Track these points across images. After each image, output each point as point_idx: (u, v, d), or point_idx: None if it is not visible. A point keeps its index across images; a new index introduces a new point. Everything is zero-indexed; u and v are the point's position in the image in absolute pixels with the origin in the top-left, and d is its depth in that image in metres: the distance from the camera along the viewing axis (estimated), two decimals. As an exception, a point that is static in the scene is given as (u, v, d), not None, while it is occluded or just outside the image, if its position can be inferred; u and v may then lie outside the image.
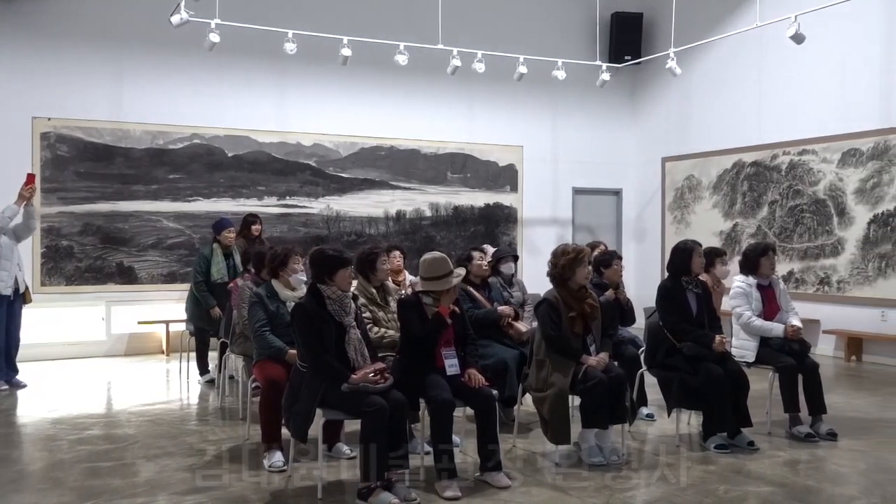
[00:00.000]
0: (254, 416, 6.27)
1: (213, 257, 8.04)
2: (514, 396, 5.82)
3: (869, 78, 9.82)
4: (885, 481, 4.95)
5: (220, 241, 8.12)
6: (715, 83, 11.99)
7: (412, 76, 11.19)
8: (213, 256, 8.04)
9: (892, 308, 9.51)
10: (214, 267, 8.00)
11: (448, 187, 12.20)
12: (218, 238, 8.14)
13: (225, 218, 8.70)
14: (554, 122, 12.94)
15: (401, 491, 4.47)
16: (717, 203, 11.98)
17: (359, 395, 4.49)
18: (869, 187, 9.78)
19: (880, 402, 7.39)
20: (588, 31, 12.29)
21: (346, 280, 4.79)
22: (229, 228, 8.18)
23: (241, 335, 6.28)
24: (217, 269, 7.99)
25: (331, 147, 11.44)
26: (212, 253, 8.08)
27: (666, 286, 5.98)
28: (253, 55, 10.66)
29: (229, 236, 8.13)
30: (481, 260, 6.46)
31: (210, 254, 8.08)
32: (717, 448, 5.57)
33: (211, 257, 8.05)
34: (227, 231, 8.13)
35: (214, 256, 8.04)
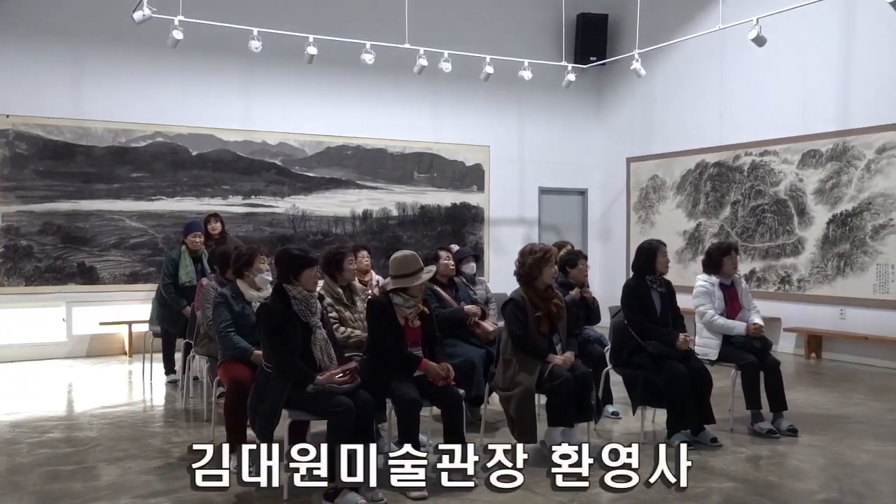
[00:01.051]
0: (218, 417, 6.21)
1: (181, 260, 7.96)
2: (480, 395, 5.83)
3: (828, 80, 10.01)
4: (843, 476, 5.06)
5: (187, 245, 8.05)
6: (679, 84, 12.13)
7: (378, 75, 11.16)
8: (181, 259, 7.97)
9: (850, 306, 9.71)
10: (182, 270, 7.91)
11: (415, 187, 12.19)
12: (185, 241, 8.09)
13: (195, 222, 8.63)
14: (520, 123, 13.00)
15: (367, 492, 4.45)
16: (680, 203, 12.12)
17: (324, 396, 4.47)
18: (828, 188, 9.97)
19: (839, 399, 7.54)
20: (554, 32, 12.36)
21: (312, 280, 4.76)
22: (196, 233, 8.11)
23: (205, 336, 6.21)
24: (186, 272, 7.90)
25: (296, 146, 11.37)
26: (180, 256, 8.00)
27: (630, 285, 6.04)
28: (217, 53, 10.56)
29: (195, 240, 8.05)
30: (448, 259, 6.48)
31: (178, 256, 8.01)
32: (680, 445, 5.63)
33: (179, 260, 7.97)
34: (192, 235, 8.06)
35: (182, 259, 7.96)
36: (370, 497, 4.43)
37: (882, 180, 9.36)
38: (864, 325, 9.52)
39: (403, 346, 4.96)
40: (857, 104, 9.68)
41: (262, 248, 5.79)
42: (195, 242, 8.05)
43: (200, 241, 8.10)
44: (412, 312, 5.03)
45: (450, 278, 6.50)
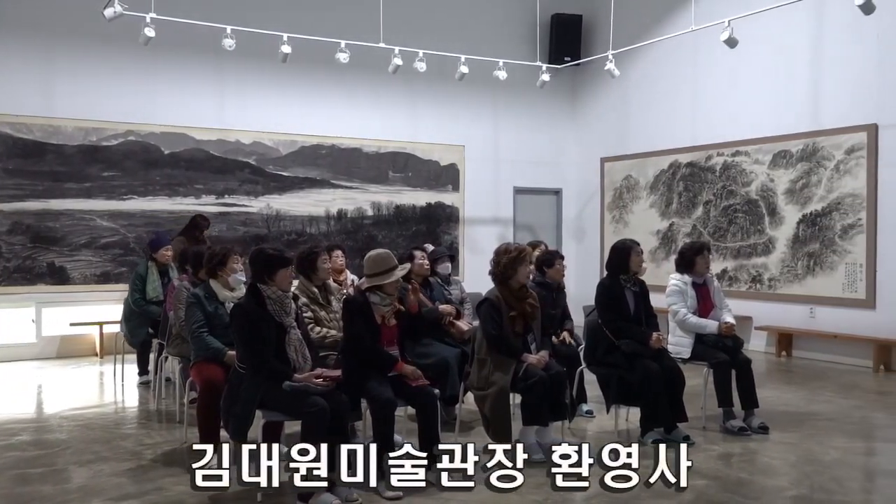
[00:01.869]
0: (191, 418, 6.17)
1: (148, 276, 7.73)
2: (455, 395, 5.84)
3: (798, 82, 10.13)
4: (813, 472, 5.13)
5: (155, 259, 7.83)
6: (652, 85, 12.23)
7: (353, 74, 11.13)
8: (148, 275, 7.73)
9: (820, 305, 9.84)
10: (150, 285, 7.69)
11: (390, 186, 12.17)
12: (154, 256, 7.85)
13: (163, 236, 8.31)
14: (495, 122, 13.02)
15: (342, 492, 4.44)
16: (654, 203, 12.22)
17: (299, 396, 4.45)
18: (798, 188, 10.10)
19: (809, 396, 7.64)
20: (528, 32, 12.40)
21: (287, 280, 4.74)
22: (167, 247, 7.90)
23: (177, 336, 6.16)
24: (153, 288, 7.69)
25: (270, 145, 11.30)
26: (147, 271, 7.77)
27: (605, 284, 6.08)
28: (190, 51, 10.47)
29: (166, 254, 7.84)
30: (423, 259, 6.48)
31: (145, 272, 7.77)
32: (654, 443, 5.67)
33: (146, 275, 7.73)
34: (164, 249, 7.83)
35: (150, 275, 7.73)
36: (345, 497, 4.42)
37: (851, 181, 9.50)
38: (833, 323, 9.66)
39: (381, 345, 4.96)
40: (826, 106, 9.82)
41: (235, 247, 5.76)
42: (165, 256, 7.84)
43: (171, 255, 7.88)
44: (389, 311, 5.02)
45: (425, 278, 6.50)
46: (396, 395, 4.80)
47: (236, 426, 4.54)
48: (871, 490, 4.96)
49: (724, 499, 4.60)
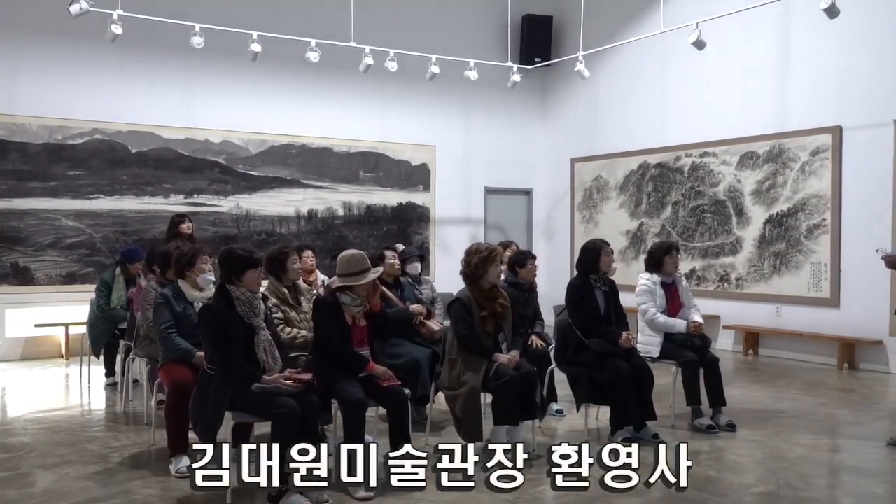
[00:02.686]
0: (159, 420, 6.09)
1: (114, 284, 7.66)
2: (426, 395, 5.84)
3: (765, 84, 10.27)
4: (780, 469, 5.20)
5: (126, 270, 7.72)
6: (622, 86, 12.32)
7: (324, 73, 11.08)
8: (114, 283, 7.67)
9: (786, 304, 9.99)
10: (115, 294, 7.63)
11: (361, 186, 12.14)
12: (127, 266, 7.72)
13: (138, 249, 8.10)
14: (466, 122, 13.04)
15: (313, 493, 4.42)
16: (623, 203, 12.32)
17: (269, 397, 4.42)
18: (765, 188, 10.24)
19: (775, 394, 7.75)
20: (499, 33, 12.44)
21: (255, 281, 4.70)
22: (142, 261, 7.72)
23: (145, 338, 6.08)
24: (117, 297, 7.62)
25: (240, 144, 11.21)
26: (113, 279, 7.69)
27: (575, 284, 6.11)
28: (158, 48, 10.35)
29: (138, 268, 7.66)
30: (394, 259, 6.47)
31: (111, 279, 7.70)
32: (623, 441, 5.72)
33: (112, 283, 7.67)
34: (139, 264, 7.63)
35: (116, 283, 7.67)
36: (315, 498, 4.40)
37: (816, 182, 9.65)
38: (798, 322, 9.81)
39: (351, 346, 4.94)
40: (792, 108, 9.96)
41: (204, 247, 5.70)
42: (137, 269, 7.74)
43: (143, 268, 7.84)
44: (359, 311, 5.00)
45: (395, 278, 6.49)
46: (367, 395, 4.78)
47: (205, 427, 4.49)
48: (836, 486, 5.04)
49: (692, 496, 4.65)
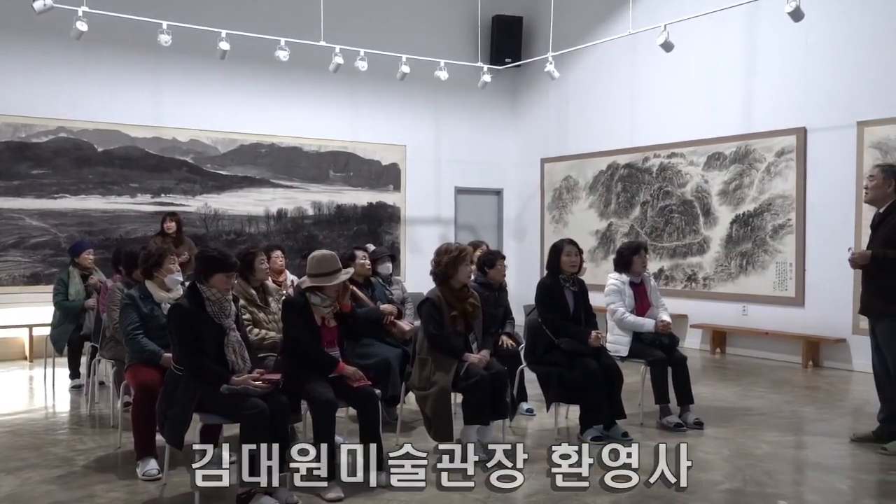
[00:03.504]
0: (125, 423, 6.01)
1: (70, 280, 7.80)
2: (396, 395, 5.83)
3: (732, 85, 10.40)
4: (746, 466, 5.27)
5: (78, 264, 7.91)
6: (591, 87, 12.40)
7: (294, 72, 11.02)
8: (69, 279, 7.81)
9: (752, 303, 10.12)
10: (72, 289, 7.76)
11: (331, 186, 12.08)
12: (76, 260, 7.93)
13: (83, 241, 8.61)
14: (437, 122, 13.04)
15: (283, 494, 4.40)
16: (593, 203, 12.40)
17: (238, 398, 4.38)
18: (731, 189, 10.37)
19: (742, 392, 7.85)
20: (470, 33, 12.46)
21: (224, 284, 4.62)
22: (88, 251, 8.01)
23: (111, 339, 6.01)
24: (75, 291, 7.76)
25: (209, 143, 11.10)
26: (68, 276, 7.84)
27: (545, 284, 6.14)
28: (125, 46, 10.22)
29: (88, 258, 7.95)
30: (364, 259, 6.45)
31: (67, 277, 7.85)
32: (593, 440, 5.76)
33: (68, 280, 7.81)
34: (85, 253, 7.95)
35: (71, 279, 7.81)
36: (285, 499, 4.38)
37: (781, 182, 9.79)
38: (764, 321, 9.94)
39: (320, 347, 4.91)
40: (758, 109, 10.10)
41: (171, 247, 5.65)
42: (87, 260, 7.93)
43: (92, 259, 8.03)
44: (329, 312, 4.98)
45: (366, 278, 6.47)
46: (337, 395, 4.75)
47: (173, 429, 4.44)
48: (801, 482, 5.12)
49: (661, 493, 4.69)
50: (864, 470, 5.21)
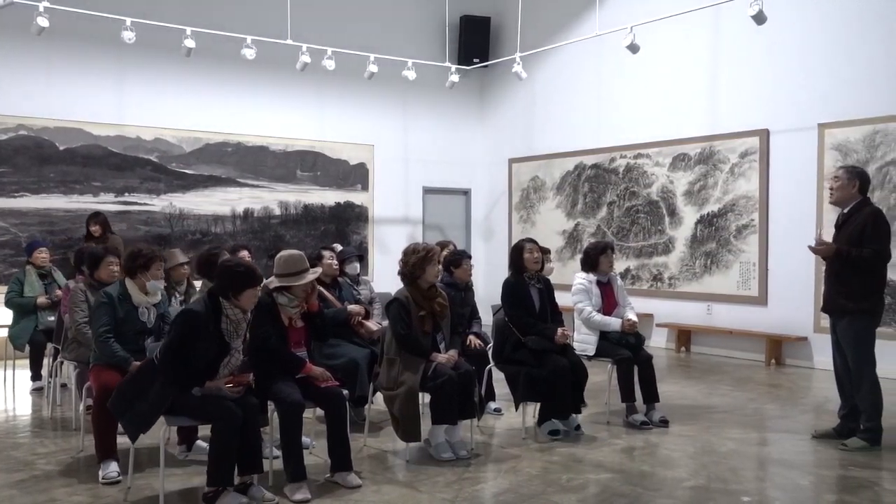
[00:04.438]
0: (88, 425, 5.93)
1: (25, 278, 7.71)
2: (364, 396, 5.81)
3: (696, 87, 10.53)
4: (711, 463, 5.33)
5: (32, 263, 7.81)
6: (558, 88, 12.47)
7: (260, 71, 10.93)
8: (25, 278, 7.71)
9: (716, 302, 10.25)
10: (28, 287, 7.67)
11: (298, 185, 12.01)
12: (30, 260, 7.84)
13: (37, 239, 8.47)
14: (405, 122, 13.03)
15: (256, 492, 4.39)
16: (560, 203, 12.47)
17: (210, 400, 4.31)
18: (696, 190, 10.50)
19: (706, 390, 7.95)
20: (437, 33, 12.46)
21: (252, 299, 4.48)
22: (40, 248, 7.90)
23: (73, 341, 5.89)
24: (31, 289, 7.66)
25: (173, 142, 10.97)
26: (24, 275, 7.74)
27: (510, 282, 6.17)
28: (88, 42, 10.05)
29: (41, 256, 7.84)
30: (332, 259, 6.42)
31: (23, 276, 7.75)
32: (550, 433, 5.86)
33: (24, 279, 7.71)
34: (38, 252, 7.84)
35: (28, 277, 7.71)
36: (261, 497, 4.36)
37: (744, 183, 9.94)
38: (728, 319, 10.08)
39: (287, 347, 4.87)
40: (722, 111, 10.23)
41: (161, 254, 5.53)
42: (40, 258, 7.83)
43: (47, 257, 7.91)
44: (296, 312, 4.94)
45: (333, 278, 6.44)
46: (304, 396, 4.72)
47: (134, 423, 4.32)
48: (764, 479, 5.19)
49: (627, 491, 4.74)
50: (826, 466, 5.30)
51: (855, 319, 5.59)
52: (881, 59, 8.62)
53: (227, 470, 4.30)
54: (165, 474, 4.50)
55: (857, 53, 8.81)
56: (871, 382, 5.61)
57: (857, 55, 8.81)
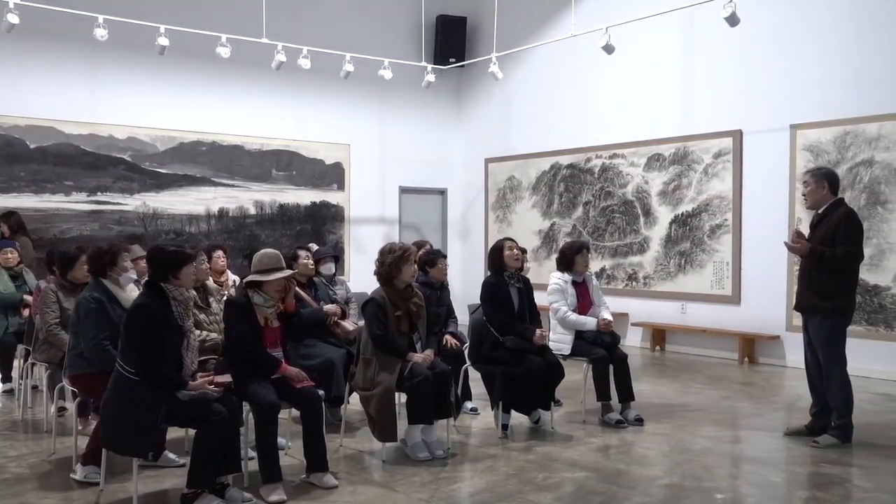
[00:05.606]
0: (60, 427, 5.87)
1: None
2: (340, 396, 5.79)
3: (671, 88, 10.61)
4: (685, 461, 5.38)
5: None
6: (534, 88, 12.51)
7: (235, 69, 10.86)
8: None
9: (690, 301, 10.34)
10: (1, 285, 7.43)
11: (273, 185, 11.94)
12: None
13: (2, 240, 8.19)
14: (381, 122, 13.00)
15: (235, 495, 4.36)
16: (536, 203, 12.51)
17: (200, 405, 4.27)
18: (670, 190, 10.58)
19: (681, 388, 8.02)
20: (414, 33, 12.45)
21: (191, 277, 4.54)
22: (6, 249, 7.66)
23: (44, 342, 5.82)
24: (4, 286, 7.44)
25: (147, 141, 10.86)
26: None
27: (490, 283, 6.18)
28: (60, 40, 9.93)
29: (7, 257, 7.57)
30: (307, 259, 6.39)
31: None
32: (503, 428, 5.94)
33: None
34: (2, 253, 7.58)
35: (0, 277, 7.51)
36: (240, 499, 4.33)
37: (718, 183, 10.03)
38: (702, 318, 10.17)
39: (263, 347, 4.84)
40: (696, 112, 10.32)
41: (124, 244, 5.44)
42: (7, 259, 7.59)
43: (13, 257, 7.63)
44: (272, 312, 4.91)
45: (309, 278, 6.41)
46: (280, 396, 4.70)
47: (143, 439, 4.23)
48: (737, 476, 5.25)
49: (602, 489, 4.76)
50: (798, 463, 5.37)
51: (826, 318, 5.66)
52: (852, 62, 8.74)
53: (209, 472, 4.27)
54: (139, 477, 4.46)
55: (829, 56, 8.93)
56: (842, 380, 5.69)
57: (829, 57, 8.93)
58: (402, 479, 4.92)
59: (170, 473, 4.93)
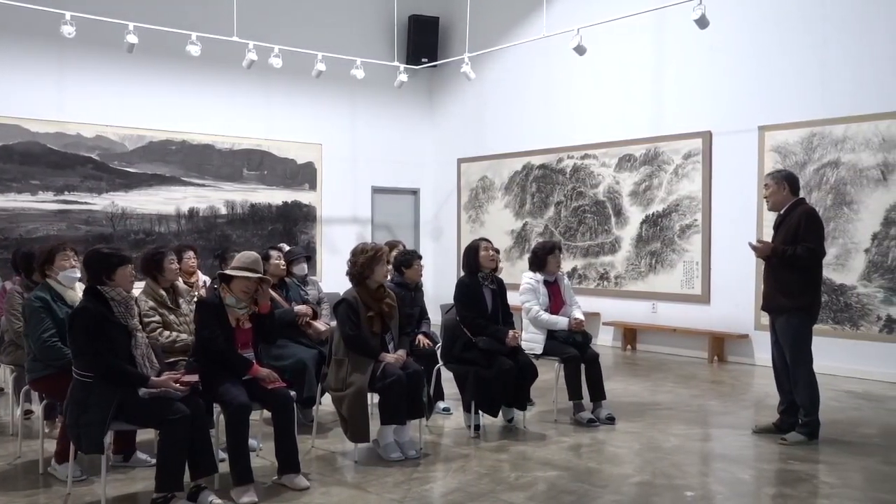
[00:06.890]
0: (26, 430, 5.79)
1: None
2: (312, 397, 5.77)
3: (641, 89, 10.70)
4: (655, 459, 5.43)
5: None
6: (507, 88, 12.55)
7: (206, 68, 10.76)
8: None
9: (661, 301, 10.43)
10: None
11: (244, 184, 11.85)
12: None
13: None
14: (353, 121, 12.95)
15: (205, 497, 4.31)
16: (508, 203, 12.55)
17: (160, 403, 4.23)
18: (641, 190, 10.66)
19: (651, 387, 8.09)
20: (386, 32, 12.43)
21: (128, 279, 4.49)
22: None
23: (10, 344, 5.72)
24: None
25: (115, 140, 10.71)
26: None
27: (464, 283, 6.19)
28: (26, 36, 9.76)
29: None
30: (279, 259, 6.35)
31: None
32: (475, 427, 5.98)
33: None
34: None
35: None
36: (209, 501, 4.29)
37: (688, 184, 10.13)
38: (672, 318, 10.27)
39: (234, 348, 4.80)
40: (666, 113, 10.41)
41: (67, 242, 5.35)
42: None
43: None
44: (244, 313, 4.88)
45: (280, 278, 6.37)
46: (251, 397, 4.66)
47: (90, 436, 4.17)
48: (708, 473, 5.30)
49: (574, 488, 4.79)
50: (766, 460, 5.44)
51: (792, 317, 5.75)
52: (818, 64, 8.87)
53: (176, 474, 4.22)
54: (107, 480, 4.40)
55: (796, 58, 9.06)
56: (808, 378, 5.77)
57: (796, 60, 9.06)
58: (375, 479, 4.91)
59: (139, 476, 4.87)
